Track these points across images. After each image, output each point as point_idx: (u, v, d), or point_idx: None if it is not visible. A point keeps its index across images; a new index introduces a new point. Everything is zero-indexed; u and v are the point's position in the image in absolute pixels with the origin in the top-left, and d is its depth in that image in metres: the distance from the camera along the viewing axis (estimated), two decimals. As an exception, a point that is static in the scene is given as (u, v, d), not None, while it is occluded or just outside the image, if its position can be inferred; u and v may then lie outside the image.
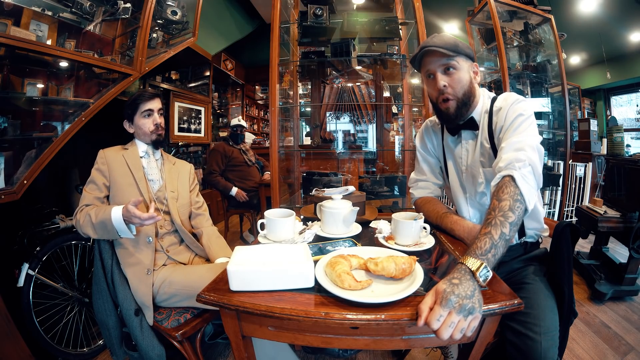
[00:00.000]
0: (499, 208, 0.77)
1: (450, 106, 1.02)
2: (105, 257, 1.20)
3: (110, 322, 1.21)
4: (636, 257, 1.96)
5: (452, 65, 0.99)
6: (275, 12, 1.81)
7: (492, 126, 1.01)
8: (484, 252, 0.70)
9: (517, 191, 0.79)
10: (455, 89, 1.00)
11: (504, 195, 0.79)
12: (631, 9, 4.22)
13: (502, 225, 0.74)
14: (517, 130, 0.91)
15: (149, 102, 1.33)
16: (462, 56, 1.00)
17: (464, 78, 1.00)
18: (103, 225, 1.13)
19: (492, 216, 0.76)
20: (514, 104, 0.96)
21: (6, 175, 1.41)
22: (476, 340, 0.70)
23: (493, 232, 0.73)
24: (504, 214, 0.76)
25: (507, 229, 0.74)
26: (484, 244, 0.71)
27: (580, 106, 6.15)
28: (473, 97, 1.03)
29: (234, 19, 4.80)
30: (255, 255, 0.79)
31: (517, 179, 0.80)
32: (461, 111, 1.03)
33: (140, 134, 1.35)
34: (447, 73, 1.00)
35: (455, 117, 1.04)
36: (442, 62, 0.99)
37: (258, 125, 6.77)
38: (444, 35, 1.01)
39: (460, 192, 1.14)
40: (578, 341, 1.66)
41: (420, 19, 1.82)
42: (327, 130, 2.29)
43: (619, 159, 2.37)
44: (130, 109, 1.33)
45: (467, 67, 1.01)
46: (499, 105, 1.00)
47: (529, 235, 1.08)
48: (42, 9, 1.70)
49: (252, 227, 3.26)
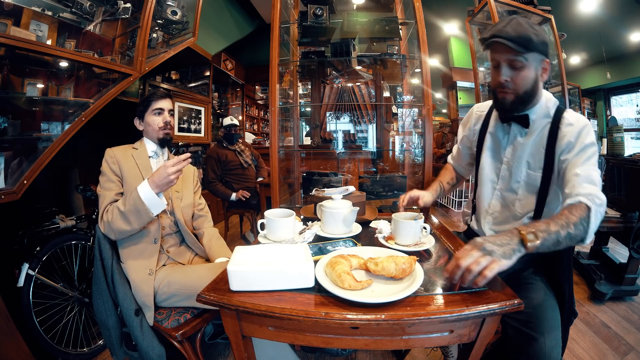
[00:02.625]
0: (567, 217, 0.79)
1: (507, 98, 0.99)
2: (106, 257, 1.20)
3: (110, 322, 1.21)
4: (636, 257, 1.96)
5: (519, 63, 0.93)
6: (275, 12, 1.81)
7: (557, 136, 0.97)
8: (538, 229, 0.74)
9: (587, 219, 0.80)
10: (517, 86, 0.96)
11: (576, 213, 0.80)
12: (631, 9, 4.22)
13: (561, 227, 0.76)
14: (590, 161, 0.90)
15: (161, 100, 1.35)
16: (533, 53, 0.92)
17: (529, 76, 0.95)
18: (135, 209, 1.11)
19: (557, 217, 0.79)
20: (588, 128, 0.95)
21: (6, 175, 1.41)
22: (476, 340, 0.70)
23: (552, 225, 0.76)
24: (568, 222, 0.78)
25: (564, 232, 0.76)
26: (540, 224, 0.76)
27: (580, 106, 6.14)
28: (534, 96, 0.99)
29: (234, 19, 4.80)
30: (255, 255, 0.79)
31: (592, 212, 0.80)
32: (517, 106, 1.00)
33: (149, 130, 1.36)
34: (513, 68, 0.94)
35: (510, 109, 1.01)
36: (510, 57, 0.93)
37: (258, 125, 6.77)
38: (520, 25, 0.91)
39: (491, 180, 1.13)
40: (578, 341, 1.66)
41: (420, 19, 1.82)
42: (327, 130, 2.29)
43: (619, 159, 2.36)
44: (142, 106, 1.35)
45: (536, 63, 0.94)
46: (571, 121, 0.96)
47: None
48: (42, 9, 1.70)
49: (252, 227, 3.25)
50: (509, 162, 1.08)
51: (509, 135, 1.08)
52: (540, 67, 0.96)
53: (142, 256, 1.23)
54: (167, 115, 1.37)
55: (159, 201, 1.14)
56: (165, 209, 1.32)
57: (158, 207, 1.14)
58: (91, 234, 1.76)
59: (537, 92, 0.99)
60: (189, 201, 1.43)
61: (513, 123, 1.06)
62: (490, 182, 1.13)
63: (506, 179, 1.09)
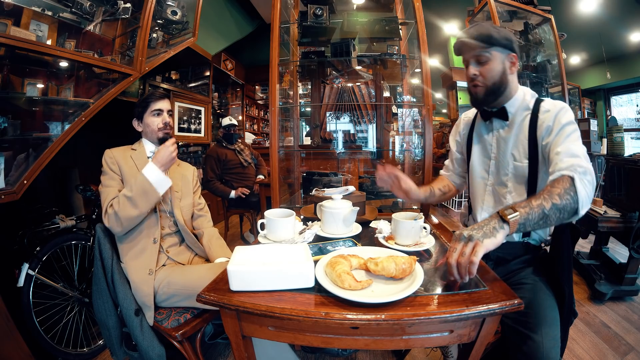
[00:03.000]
0: (549, 191, 0.79)
1: (478, 91, 1.06)
2: (105, 257, 1.20)
3: (110, 322, 1.21)
4: (636, 257, 1.96)
5: (484, 57, 1.02)
6: (275, 12, 1.80)
7: (537, 124, 1.02)
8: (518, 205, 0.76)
9: (572, 188, 0.79)
10: (485, 77, 1.03)
11: (557, 185, 0.81)
12: (631, 9, 4.22)
13: (544, 199, 0.77)
14: (569, 138, 0.92)
15: (159, 101, 1.36)
16: (496, 47, 1.01)
17: (496, 69, 1.02)
18: (142, 191, 1.17)
19: (539, 193, 0.80)
20: (564, 110, 0.98)
21: (6, 175, 1.41)
22: (476, 340, 0.70)
23: (533, 200, 0.78)
24: (550, 194, 0.78)
25: (548, 204, 0.77)
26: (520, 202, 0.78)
27: (580, 106, 6.14)
28: (505, 87, 1.05)
29: (234, 19, 4.80)
30: (255, 255, 0.79)
31: (575, 180, 0.80)
32: (489, 98, 1.06)
33: (148, 132, 1.36)
34: (480, 63, 1.03)
35: (483, 101, 1.08)
36: (475, 53, 1.03)
37: (258, 125, 6.77)
38: (481, 26, 1.03)
39: (482, 178, 1.16)
40: (578, 341, 1.66)
41: (420, 19, 1.82)
42: (327, 130, 2.28)
43: (619, 159, 2.37)
44: (141, 107, 1.36)
45: (501, 57, 1.02)
46: (548, 107, 1.01)
47: (533, 237, 1.08)
48: (42, 9, 1.70)
49: (252, 227, 3.25)
50: (496, 156, 1.12)
51: (492, 131, 1.13)
52: (508, 61, 1.04)
53: (142, 256, 1.23)
54: (166, 115, 1.38)
55: (166, 179, 1.23)
56: (165, 209, 1.33)
57: (164, 185, 1.23)
58: (91, 234, 1.76)
59: (507, 84, 1.05)
60: (188, 201, 1.43)
61: (494, 119, 1.11)
62: (481, 179, 1.17)
63: (495, 174, 1.12)
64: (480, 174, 1.17)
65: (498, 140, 1.11)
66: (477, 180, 1.18)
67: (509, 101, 1.07)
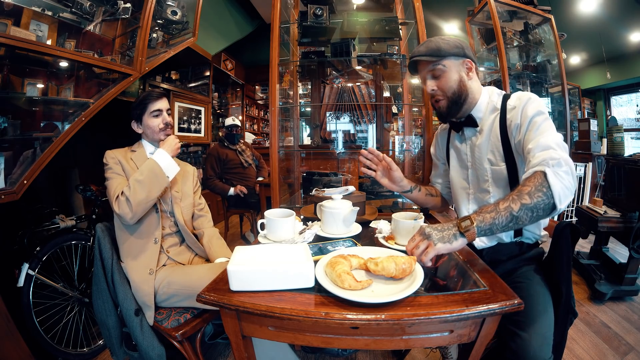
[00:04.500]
0: (518, 191, 0.78)
1: (441, 105, 1.08)
2: (106, 257, 1.20)
3: (110, 322, 1.21)
4: (636, 257, 1.96)
5: (438, 70, 1.03)
6: (275, 12, 1.80)
7: (506, 124, 1.00)
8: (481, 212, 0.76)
9: (544, 184, 0.77)
10: (444, 89, 1.04)
11: (528, 183, 0.79)
12: (631, 9, 4.21)
13: (512, 201, 0.76)
14: (539, 130, 0.90)
15: (157, 101, 1.34)
16: (448, 58, 1.02)
17: (452, 78, 1.03)
18: (152, 174, 1.21)
19: (508, 195, 0.78)
20: (529, 102, 0.95)
21: (6, 175, 1.41)
22: (476, 340, 0.70)
23: (501, 203, 0.77)
24: (520, 195, 0.77)
25: (516, 205, 0.75)
26: (486, 208, 0.78)
27: (580, 106, 6.14)
28: (465, 94, 1.04)
29: (234, 19, 4.80)
30: (255, 255, 0.79)
31: (548, 174, 0.77)
32: (453, 109, 1.06)
33: (149, 133, 1.35)
34: (435, 77, 1.05)
35: (448, 114, 1.08)
36: (429, 69, 1.05)
37: (258, 125, 6.77)
38: (430, 41, 1.04)
39: (463, 187, 1.16)
40: (578, 341, 1.66)
41: (420, 19, 1.82)
42: (327, 130, 2.28)
43: (619, 159, 2.37)
44: (139, 109, 1.34)
45: (456, 66, 1.03)
46: (513, 104, 0.99)
47: (526, 236, 1.07)
48: (42, 9, 1.70)
49: (252, 227, 3.25)
50: (472, 165, 1.11)
51: (465, 140, 1.13)
52: (464, 68, 1.04)
53: (143, 256, 1.23)
54: (166, 115, 1.37)
55: (174, 163, 1.29)
56: (165, 209, 1.33)
57: (173, 170, 1.29)
58: (91, 234, 1.76)
59: (467, 91, 1.05)
60: (188, 201, 1.43)
61: (464, 128, 1.11)
62: (462, 189, 1.17)
63: (475, 182, 1.12)
64: (461, 185, 1.17)
65: (472, 148, 1.10)
66: (459, 191, 1.18)
67: (474, 107, 1.07)
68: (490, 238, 1.09)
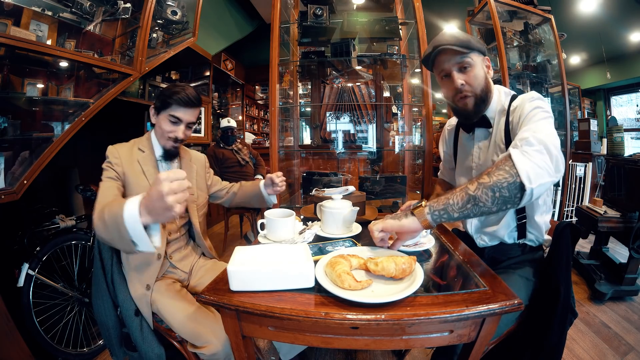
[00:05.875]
0: (479, 174, 0.78)
1: (468, 102, 0.99)
2: (105, 257, 1.20)
3: (110, 323, 1.21)
4: (636, 257, 1.96)
5: (467, 63, 0.95)
6: (275, 12, 1.81)
7: (509, 125, 0.98)
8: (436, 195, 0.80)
9: (507, 162, 0.74)
10: (473, 85, 0.97)
11: (493, 165, 0.77)
12: (631, 9, 4.22)
13: (470, 182, 0.76)
14: (530, 121, 0.86)
15: (184, 109, 1.12)
16: (475, 52, 0.96)
17: (480, 74, 0.97)
18: (115, 225, 0.75)
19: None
20: (529, 100, 0.92)
21: (6, 175, 1.41)
22: (476, 340, 0.70)
23: (457, 188, 0.77)
24: (479, 176, 0.76)
25: (473, 185, 0.75)
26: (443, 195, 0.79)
27: (580, 106, 6.14)
28: (490, 93, 1.01)
29: (234, 19, 4.80)
30: (255, 255, 0.79)
31: (514, 154, 0.74)
32: (480, 107, 1.00)
33: (159, 132, 1.19)
34: (463, 71, 0.96)
35: (474, 113, 1.01)
36: (457, 60, 0.95)
37: (258, 125, 6.76)
38: (455, 32, 0.97)
39: None
40: (578, 341, 1.66)
41: (420, 19, 1.82)
42: (327, 130, 2.29)
43: (619, 159, 2.37)
44: (160, 102, 1.13)
45: (480, 62, 0.98)
46: (516, 104, 0.96)
47: (529, 238, 1.07)
48: (42, 9, 1.70)
49: (252, 227, 3.25)
50: (478, 165, 1.09)
51: (474, 141, 1.10)
52: (484, 65, 1.00)
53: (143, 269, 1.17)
54: (184, 128, 1.16)
55: (145, 238, 0.74)
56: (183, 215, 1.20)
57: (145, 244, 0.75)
58: (91, 234, 1.76)
59: (491, 88, 1.02)
60: (203, 199, 1.34)
61: (476, 128, 1.07)
62: None
63: None
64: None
65: (480, 149, 1.08)
66: None
67: (489, 107, 1.03)
68: (492, 237, 1.08)
